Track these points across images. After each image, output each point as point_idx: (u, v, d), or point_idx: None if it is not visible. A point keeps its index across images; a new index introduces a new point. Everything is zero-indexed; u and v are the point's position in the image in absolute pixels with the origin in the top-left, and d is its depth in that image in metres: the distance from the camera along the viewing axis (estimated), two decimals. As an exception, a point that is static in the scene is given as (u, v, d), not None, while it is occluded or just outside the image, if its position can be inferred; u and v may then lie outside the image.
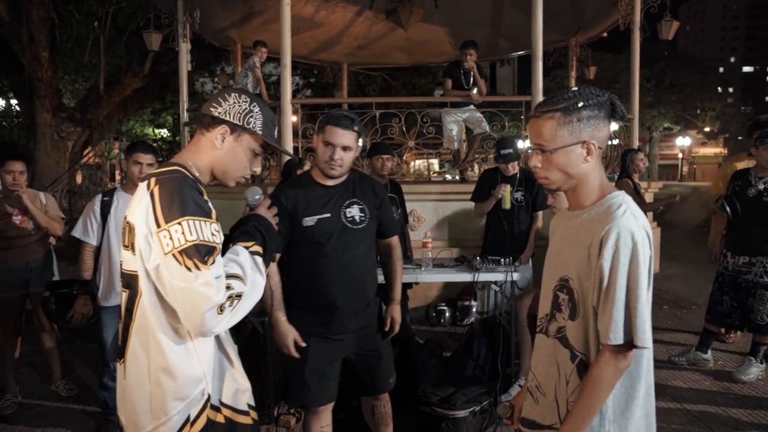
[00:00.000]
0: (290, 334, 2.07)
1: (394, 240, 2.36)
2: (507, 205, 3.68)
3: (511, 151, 3.70)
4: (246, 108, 1.38)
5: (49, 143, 9.54)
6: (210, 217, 1.27)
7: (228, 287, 1.23)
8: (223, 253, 1.39)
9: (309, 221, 2.07)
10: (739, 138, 37.99)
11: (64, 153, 9.90)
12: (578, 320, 1.28)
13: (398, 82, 13.25)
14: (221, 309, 1.22)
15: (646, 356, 1.27)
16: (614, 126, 7.68)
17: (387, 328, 2.29)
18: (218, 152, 1.38)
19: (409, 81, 13.59)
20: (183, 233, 1.20)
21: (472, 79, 5.58)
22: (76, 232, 2.93)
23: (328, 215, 2.10)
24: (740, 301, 3.66)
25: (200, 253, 1.20)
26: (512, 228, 3.77)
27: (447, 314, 4.98)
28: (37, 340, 3.54)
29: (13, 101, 13.39)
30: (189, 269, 1.19)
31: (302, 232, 2.08)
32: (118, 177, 13.53)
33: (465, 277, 3.26)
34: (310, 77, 15.77)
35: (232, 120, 1.36)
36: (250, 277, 1.30)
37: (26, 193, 3.15)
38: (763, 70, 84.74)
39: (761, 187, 3.56)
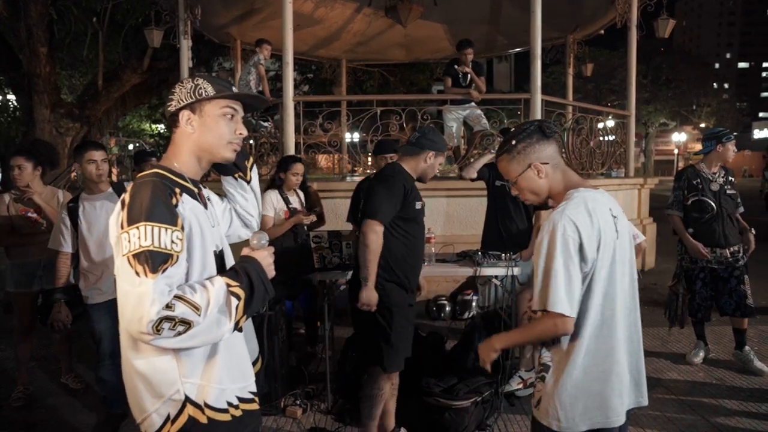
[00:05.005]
0: (374, 297, 2.48)
1: None
2: None
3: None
4: (191, 85, 1.40)
5: (48, 139, 9.48)
6: (174, 225, 1.26)
7: (168, 306, 1.19)
8: (221, 267, 1.41)
9: (418, 205, 2.58)
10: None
11: (63, 149, 9.87)
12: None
13: (396, 78, 13.26)
14: (157, 328, 1.18)
15: (590, 324, 1.53)
16: (611, 123, 7.78)
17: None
18: (194, 135, 1.41)
19: (407, 77, 13.60)
20: (139, 237, 1.21)
21: (469, 78, 5.65)
22: (52, 244, 2.92)
23: (423, 202, 2.62)
24: (719, 291, 3.78)
25: (152, 261, 1.20)
26: (511, 220, 3.82)
27: (447, 308, 5.06)
28: (46, 334, 3.60)
29: (10, 96, 13.35)
30: (137, 274, 1.20)
31: (413, 213, 2.55)
32: (115, 173, 13.50)
33: (467, 271, 3.33)
34: (307, 73, 15.78)
35: (186, 101, 1.39)
36: (212, 313, 1.25)
37: (40, 192, 3.19)
38: (759, 66, 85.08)
39: (721, 181, 3.74)
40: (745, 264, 3.76)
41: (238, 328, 1.34)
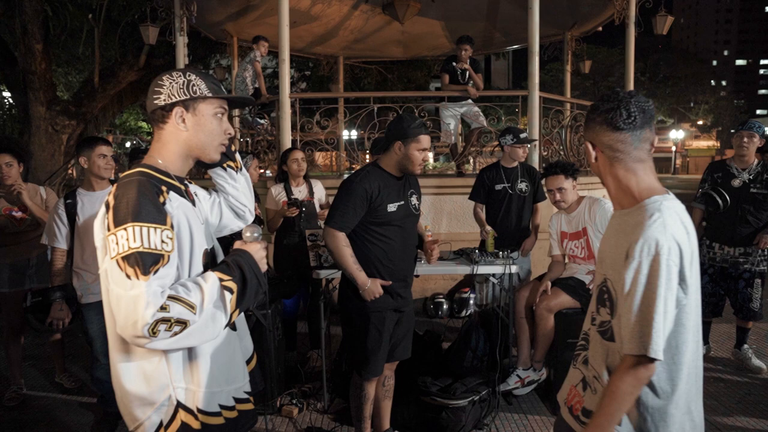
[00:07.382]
0: (378, 287, 2.39)
1: None
2: (490, 249, 3.49)
3: (527, 134, 3.80)
4: (183, 80, 1.34)
5: (44, 136, 9.47)
6: (163, 224, 1.22)
7: (163, 308, 1.15)
8: (212, 264, 1.37)
9: (392, 207, 2.40)
10: (732, 131, 38.32)
11: (59, 146, 9.83)
12: (615, 318, 1.31)
13: (393, 75, 13.26)
14: (153, 331, 1.14)
15: (690, 350, 1.28)
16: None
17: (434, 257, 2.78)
18: (185, 134, 1.36)
19: (404, 74, 13.61)
20: (128, 239, 1.17)
21: (467, 75, 5.63)
22: (45, 240, 2.86)
23: (403, 202, 2.44)
24: (728, 289, 3.74)
25: (143, 263, 1.16)
26: (513, 219, 3.79)
27: (444, 306, 5.05)
28: (38, 333, 3.56)
29: (6, 94, 13.27)
30: (128, 277, 1.16)
31: (387, 215, 2.39)
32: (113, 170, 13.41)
33: (464, 269, 3.31)
34: (305, 70, 15.74)
35: (179, 98, 1.33)
36: (207, 310, 1.22)
37: (26, 189, 3.14)
38: (756, 63, 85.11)
39: (746, 177, 3.59)
40: (762, 271, 3.62)
41: (230, 323, 1.31)
